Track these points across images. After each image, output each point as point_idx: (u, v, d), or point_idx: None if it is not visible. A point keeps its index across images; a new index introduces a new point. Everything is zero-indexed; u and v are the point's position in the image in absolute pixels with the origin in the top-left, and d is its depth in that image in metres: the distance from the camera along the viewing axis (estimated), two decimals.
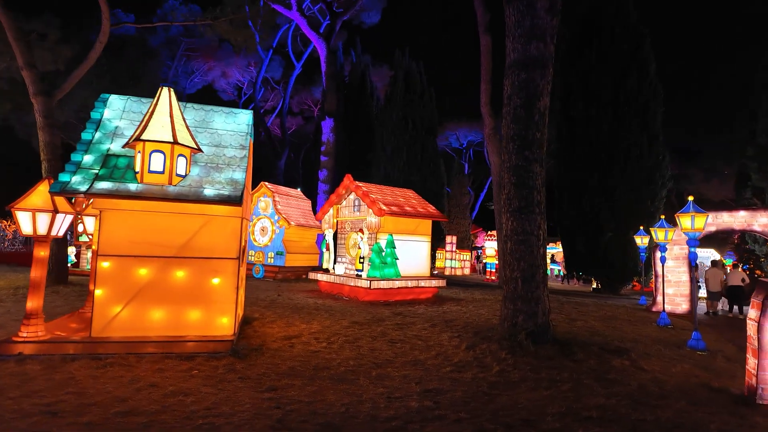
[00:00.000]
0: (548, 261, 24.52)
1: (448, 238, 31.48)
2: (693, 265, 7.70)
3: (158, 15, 28.66)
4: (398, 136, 20.58)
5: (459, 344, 6.64)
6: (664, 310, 10.14)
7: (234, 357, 5.26)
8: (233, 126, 6.31)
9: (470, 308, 10.08)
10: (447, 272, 29.41)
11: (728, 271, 13.45)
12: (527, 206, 6.96)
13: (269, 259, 14.53)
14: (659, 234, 10.25)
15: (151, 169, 5.28)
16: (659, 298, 11.49)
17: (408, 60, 21.88)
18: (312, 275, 12.13)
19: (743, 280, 14.40)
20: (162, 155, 5.29)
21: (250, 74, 35.94)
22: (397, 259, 10.51)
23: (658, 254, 11.21)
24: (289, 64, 33.57)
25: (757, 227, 11.69)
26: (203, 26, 18.67)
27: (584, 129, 18.23)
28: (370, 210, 10.60)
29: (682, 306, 12.05)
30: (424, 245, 11.73)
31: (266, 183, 14.92)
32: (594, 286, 19.00)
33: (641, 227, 13.45)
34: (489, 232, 23.55)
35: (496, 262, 29.94)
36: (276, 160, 28.16)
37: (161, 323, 5.41)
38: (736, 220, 11.78)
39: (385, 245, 10.57)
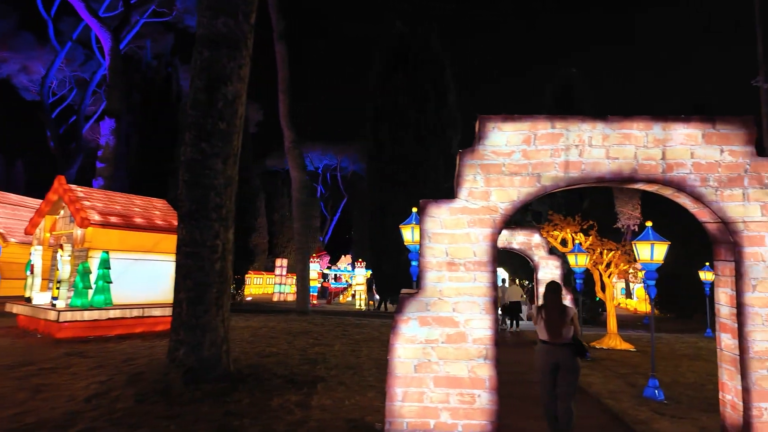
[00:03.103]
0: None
1: (278, 262, 29.43)
2: None
3: None
4: None
5: (84, 394, 4.90)
6: None
7: None
8: None
9: None
10: (276, 298, 27.32)
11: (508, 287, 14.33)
12: (200, 210, 5.63)
13: None
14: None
15: None
16: None
17: None
18: (9, 307, 9.28)
19: (522, 296, 15.82)
20: None
21: (63, 72, 30.22)
22: (110, 282, 8.41)
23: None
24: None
25: (515, 245, 12.28)
26: None
27: (391, 150, 18.41)
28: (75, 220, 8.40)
29: None
30: (167, 266, 9.79)
31: None
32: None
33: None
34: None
35: (318, 284, 29.04)
36: (66, 168, 23.47)
37: None
38: (498, 238, 12.27)
39: (98, 266, 8.41)
